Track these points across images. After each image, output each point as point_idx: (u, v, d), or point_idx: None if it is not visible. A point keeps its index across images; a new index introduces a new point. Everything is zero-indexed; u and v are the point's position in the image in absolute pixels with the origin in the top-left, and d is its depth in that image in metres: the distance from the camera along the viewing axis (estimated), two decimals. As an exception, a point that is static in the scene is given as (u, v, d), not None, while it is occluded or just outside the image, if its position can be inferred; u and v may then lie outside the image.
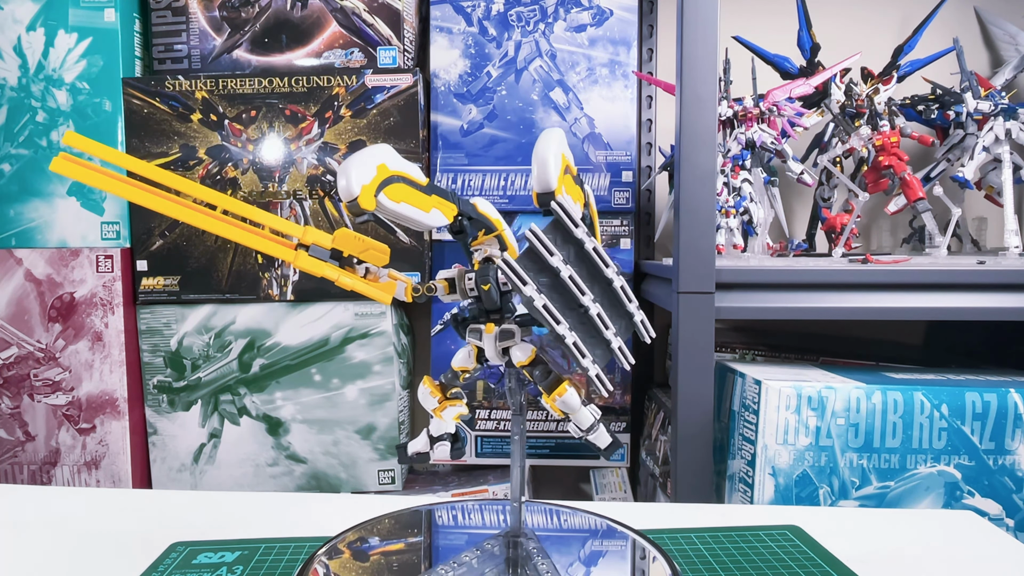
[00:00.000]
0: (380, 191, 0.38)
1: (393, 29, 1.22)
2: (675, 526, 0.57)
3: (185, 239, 1.22)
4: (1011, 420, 0.83)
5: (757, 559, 0.51)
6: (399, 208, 0.40)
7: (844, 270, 0.94)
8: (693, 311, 0.92)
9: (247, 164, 1.21)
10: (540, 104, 1.27)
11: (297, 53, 1.23)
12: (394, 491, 1.25)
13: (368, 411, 1.23)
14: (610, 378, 1.29)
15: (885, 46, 1.29)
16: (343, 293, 1.21)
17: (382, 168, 0.39)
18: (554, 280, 0.39)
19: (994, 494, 0.84)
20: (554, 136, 0.42)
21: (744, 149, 1.16)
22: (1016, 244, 1.09)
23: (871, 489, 0.84)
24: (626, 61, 1.26)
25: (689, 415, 0.93)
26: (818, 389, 0.85)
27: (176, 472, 1.25)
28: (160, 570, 0.50)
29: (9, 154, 1.20)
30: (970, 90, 1.15)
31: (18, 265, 1.21)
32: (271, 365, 1.23)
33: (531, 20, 1.26)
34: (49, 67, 1.19)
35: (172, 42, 1.24)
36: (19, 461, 1.23)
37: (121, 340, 1.20)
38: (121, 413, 1.21)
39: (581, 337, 0.39)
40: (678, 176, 0.93)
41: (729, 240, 1.13)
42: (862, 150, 1.16)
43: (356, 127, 1.20)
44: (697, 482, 0.93)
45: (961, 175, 1.13)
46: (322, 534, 0.54)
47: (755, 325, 1.39)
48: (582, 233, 0.40)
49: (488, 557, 0.46)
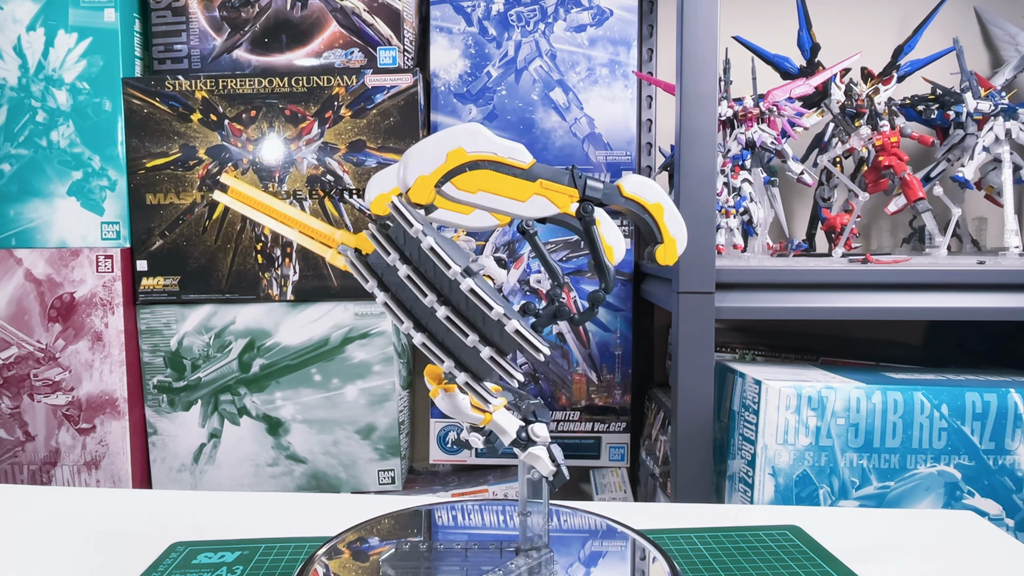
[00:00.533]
0: (446, 181, 0.34)
1: (393, 29, 1.22)
2: (675, 526, 0.57)
3: (185, 239, 1.22)
4: (1011, 420, 0.83)
5: (757, 559, 0.51)
6: (476, 199, 0.35)
7: (844, 270, 0.94)
8: (693, 311, 0.92)
9: (247, 164, 1.21)
10: (540, 104, 1.27)
11: (297, 53, 1.23)
12: (394, 491, 1.25)
13: (368, 411, 1.23)
14: (609, 378, 1.29)
15: (885, 46, 1.29)
16: (343, 293, 1.21)
17: (455, 155, 0.34)
18: (398, 280, 0.36)
19: (994, 494, 0.84)
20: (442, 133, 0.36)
21: (744, 149, 1.16)
22: (1016, 244, 1.09)
23: (871, 489, 0.84)
24: (626, 61, 1.26)
25: (689, 415, 0.93)
26: (818, 389, 0.85)
27: (176, 472, 1.25)
28: (160, 570, 0.50)
29: (9, 154, 1.20)
30: (970, 90, 1.15)
31: (18, 265, 1.20)
32: (271, 365, 1.23)
33: (531, 20, 1.26)
34: (49, 67, 1.18)
35: (172, 42, 1.24)
36: (19, 461, 1.23)
37: (121, 340, 1.20)
38: (121, 413, 1.21)
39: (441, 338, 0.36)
40: (678, 176, 0.93)
41: (729, 240, 1.13)
42: (862, 150, 1.16)
43: (356, 127, 1.20)
44: (697, 482, 0.93)
45: (961, 175, 1.13)
46: (322, 534, 0.54)
47: (755, 325, 1.39)
48: (417, 231, 0.35)
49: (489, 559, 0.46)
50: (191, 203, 1.21)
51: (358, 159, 1.20)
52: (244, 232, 1.22)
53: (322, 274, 1.21)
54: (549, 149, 1.27)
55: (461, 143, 0.34)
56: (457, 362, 0.37)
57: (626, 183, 0.37)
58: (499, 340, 0.37)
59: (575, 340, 1.29)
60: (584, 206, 0.37)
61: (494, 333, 0.36)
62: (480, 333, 0.36)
